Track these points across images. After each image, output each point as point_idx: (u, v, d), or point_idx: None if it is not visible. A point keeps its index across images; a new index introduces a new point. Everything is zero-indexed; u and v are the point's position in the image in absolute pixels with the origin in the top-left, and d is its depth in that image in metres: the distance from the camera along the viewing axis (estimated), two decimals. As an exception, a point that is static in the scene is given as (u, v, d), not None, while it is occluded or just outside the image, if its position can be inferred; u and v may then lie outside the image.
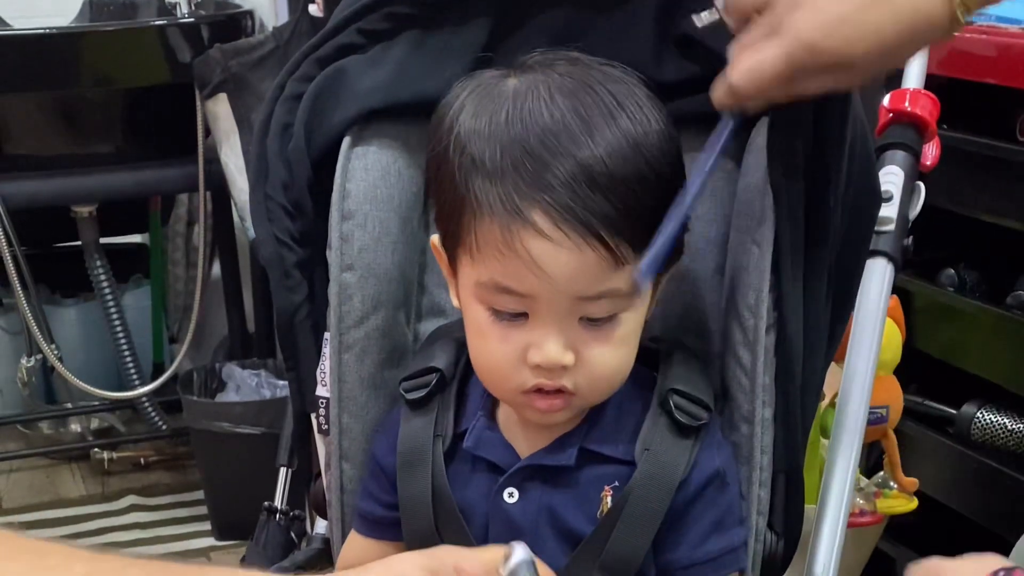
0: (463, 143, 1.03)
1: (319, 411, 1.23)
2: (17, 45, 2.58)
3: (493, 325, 1.03)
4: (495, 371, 1.05)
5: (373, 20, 1.20)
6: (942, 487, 1.98)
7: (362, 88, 1.20)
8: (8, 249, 2.59)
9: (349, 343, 1.20)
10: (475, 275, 1.03)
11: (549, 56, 1.07)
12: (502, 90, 1.04)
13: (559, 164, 0.99)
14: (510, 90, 1.04)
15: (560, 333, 1.01)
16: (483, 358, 1.06)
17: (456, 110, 1.05)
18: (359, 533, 1.17)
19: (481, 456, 1.10)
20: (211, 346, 3.04)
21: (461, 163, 1.02)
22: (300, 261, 1.22)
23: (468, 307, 1.06)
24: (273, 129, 1.21)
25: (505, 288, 1.01)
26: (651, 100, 1.06)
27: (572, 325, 1.02)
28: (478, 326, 1.04)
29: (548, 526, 1.07)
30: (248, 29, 2.71)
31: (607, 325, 1.03)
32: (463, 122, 1.03)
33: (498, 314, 1.03)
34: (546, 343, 1.01)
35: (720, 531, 1.07)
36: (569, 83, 1.03)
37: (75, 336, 3.01)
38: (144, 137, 2.75)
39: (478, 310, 1.04)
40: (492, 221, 1.00)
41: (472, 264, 1.03)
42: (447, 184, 1.04)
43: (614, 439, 1.08)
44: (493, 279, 1.01)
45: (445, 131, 1.05)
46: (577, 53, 1.08)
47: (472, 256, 1.02)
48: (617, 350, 1.04)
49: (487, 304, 1.03)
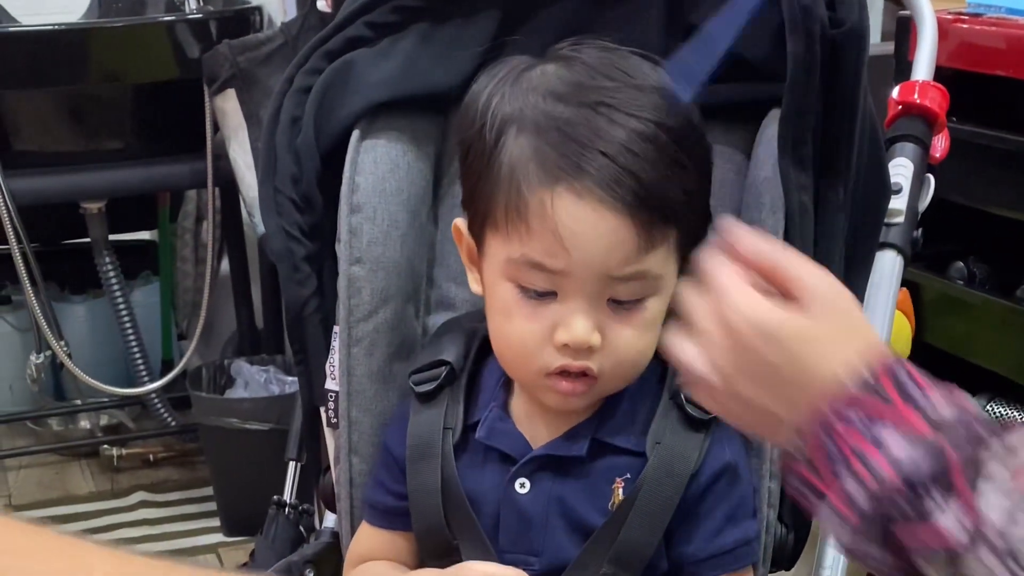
0: (498, 122, 1.03)
1: (328, 404, 1.23)
2: (26, 41, 2.58)
3: (521, 303, 1.03)
4: (520, 351, 1.05)
5: (382, 13, 1.21)
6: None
7: (371, 81, 1.20)
8: (17, 246, 2.59)
9: (358, 336, 1.20)
10: (506, 252, 1.03)
11: (579, 45, 1.07)
12: (537, 73, 1.04)
13: (597, 142, 0.99)
14: (547, 72, 1.04)
15: (588, 313, 1.01)
16: (508, 338, 1.06)
17: (490, 93, 1.05)
18: (369, 524, 1.18)
19: (493, 446, 1.10)
20: (220, 342, 3.04)
21: (497, 141, 1.03)
22: (309, 254, 1.22)
23: (495, 287, 1.05)
24: (282, 122, 1.21)
25: (537, 264, 1.01)
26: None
27: (600, 306, 1.02)
28: (504, 305, 1.04)
29: (559, 516, 1.07)
30: (256, 25, 2.71)
31: (634, 309, 1.03)
32: (497, 104, 1.04)
33: (526, 292, 1.03)
34: (574, 322, 1.01)
35: (733, 524, 1.08)
36: (603, 66, 1.04)
37: (84, 333, 3.01)
38: (153, 133, 2.75)
39: (506, 288, 1.04)
40: (529, 195, 1.00)
41: (503, 242, 1.03)
42: (480, 164, 1.04)
43: (626, 431, 1.08)
44: (525, 254, 1.01)
45: (479, 113, 1.05)
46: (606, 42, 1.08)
47: (504, 233, 1.02)
48: (642, 335, 1.04)
49: (516, 282, 1.03)
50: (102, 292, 2.90)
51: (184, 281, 3.15)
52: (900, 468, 0.74)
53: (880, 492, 0.74)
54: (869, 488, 0.75)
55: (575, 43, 1.07)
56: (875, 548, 0.75)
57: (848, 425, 0.76)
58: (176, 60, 2.61)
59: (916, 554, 0.74)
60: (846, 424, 0.76)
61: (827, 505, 0.77)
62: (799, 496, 0.79)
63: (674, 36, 1.16)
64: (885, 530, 0.74)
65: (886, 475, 0.74)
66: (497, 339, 1.08)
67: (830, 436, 0.77)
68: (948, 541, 0.72)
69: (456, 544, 1.10)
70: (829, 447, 0.77)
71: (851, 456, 0.76)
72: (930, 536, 0.73)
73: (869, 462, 0.75)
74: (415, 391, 1.14)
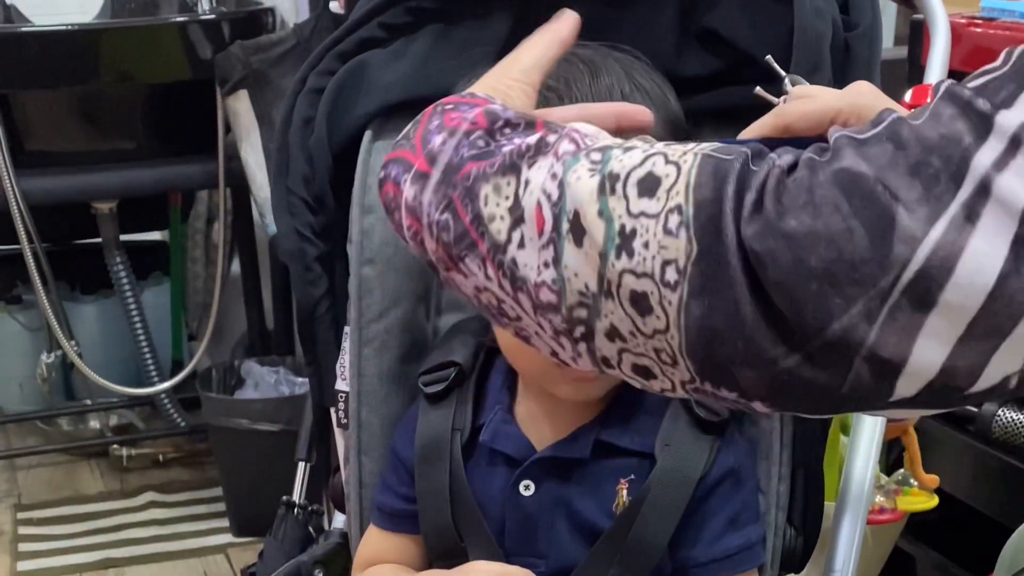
0: None
1: (338, 405, 1.23)
2: (40, 41, 2.59)
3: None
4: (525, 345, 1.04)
5: (395, 14, 1.21)
6: (962, 485, 1.97)
7: (383, 82, 1.20)
8: (28, 245, 2.59)
9: (369, 337, 1.20)
10: None
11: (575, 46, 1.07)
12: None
13: None
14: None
15: None
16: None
17: None
18: (377, 527, 1.17)
19: (498, 449, 1.10)
20: (230, 343, 3.05)
21: None
22: (321, 255, 1.22)
23: None
24: (295, 123, 1.21)
25: None
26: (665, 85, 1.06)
27: None
28: None
29: (563, 518, 1.08)
30: (269, 26, 2.71)
31: None
32: None
33: None
34: None
35: (736, 528, 1.07)
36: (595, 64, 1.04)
37: (95, 333, 3.01)
38: (164, 134, 2.76)
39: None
40: None
41: None
42: None
43: (631, 431, 1.08)
44: None
45: None
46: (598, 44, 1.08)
47: None
48: None
49: None
50: (113, 292, 2.91)
51: (195, 281, 3.15)
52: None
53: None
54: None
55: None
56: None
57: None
58: (188, 61, 2.62)
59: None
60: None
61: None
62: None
63: (687, 40, 1.16)
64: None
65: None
66: (504, 338, 1.08)
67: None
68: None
69: (463, 546, 1.10)
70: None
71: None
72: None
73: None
74: (424, 392, 1.14)
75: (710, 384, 0.71)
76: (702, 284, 0.68)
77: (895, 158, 0.65)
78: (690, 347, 0.69)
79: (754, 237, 0.66)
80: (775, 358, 0.67)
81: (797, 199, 0.66)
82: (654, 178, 0.70)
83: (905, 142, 0.65)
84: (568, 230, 0.72)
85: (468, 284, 0.79)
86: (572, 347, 0.75)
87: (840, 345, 0.65)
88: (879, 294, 0.64)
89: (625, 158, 0.72)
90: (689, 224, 0.68)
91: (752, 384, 0.69)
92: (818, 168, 0.66)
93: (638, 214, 0.70)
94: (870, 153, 0.66)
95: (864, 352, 0.65)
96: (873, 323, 0.64)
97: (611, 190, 0.71)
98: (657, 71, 1.10)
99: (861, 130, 0.68)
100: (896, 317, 0.64)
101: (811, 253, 0.64)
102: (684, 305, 0.68)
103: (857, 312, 0.64)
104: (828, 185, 0.65)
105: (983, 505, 1.95)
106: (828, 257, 0.64)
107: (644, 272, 0.69)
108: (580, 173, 0.73)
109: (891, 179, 0.64)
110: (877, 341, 0.65)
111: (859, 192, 0.64)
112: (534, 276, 0.74)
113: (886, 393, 0.67)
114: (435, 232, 0.79)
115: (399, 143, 0.84)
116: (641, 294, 0.70)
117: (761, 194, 0.67)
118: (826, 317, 0.65)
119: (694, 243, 0.68)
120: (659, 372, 0.73)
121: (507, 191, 0.76)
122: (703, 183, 0.69)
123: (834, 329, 0.65)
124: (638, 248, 0.70)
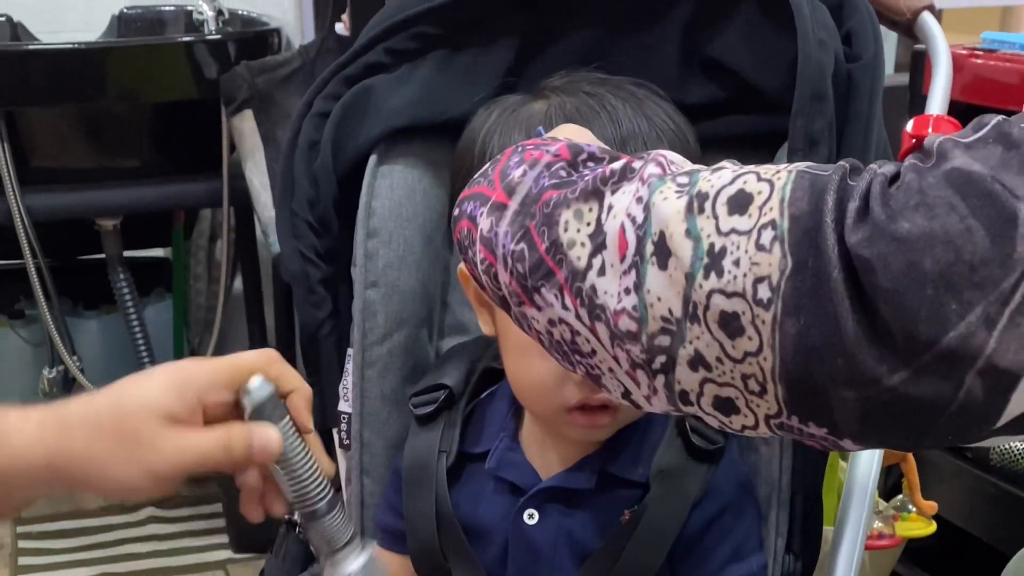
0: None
1: (341, 426, 1.24)
2: (46, 59, 2.60)
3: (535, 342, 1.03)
4: (539, 389, 1.04)
5: (401, 40, 1.21)
6: (960, 511, 1.97)
7: (389, 107, 1.21)
8: (32, 261, 2.60)
9: (372, 359, 1.21)
10: None
11: (575, 77, 1.08)
12: (528, 111, 1.05)
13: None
14: (537, 111, 1.05)
15: None
16: (526, 377, 1.05)
17: (485, 133, 1.06)
18: (379, 547, 1.18)
19: (503, 477, 1.10)
20: (231, 360, 3.05)
21: None
22: (325, 277, 1.23)
23: (508, 327, 1.05)
24: (300, 146, 1.22)
25: None
26: (677, 114, 1.07)
27: None
28: (519, 345, 1.04)
29: (567, 547, 1.08)
30: (275, 47, 2.72)
31: None
32: (492, 143, 1.04)
33: None
34: None
35: (739, 558, 1.07)
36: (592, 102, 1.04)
37: (97, 348, 3.01)
38: (169, 152, 2.76)
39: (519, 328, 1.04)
40: None
41: None
42: None
43: (635, 462, 1.08)
44: None
45: (476, 154, 1.06)
46: (602, 74, 1.09)
47: None
48: None
49: None
50: (115, 308, 2.91)
51: (197, 299, 3.15)
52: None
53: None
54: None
55: (567, 75, 1.08)
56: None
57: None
58: (194, 80, 2.62)
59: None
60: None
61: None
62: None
63: (691, 69, 1.17)
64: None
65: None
66: (515, 378, 1.07)
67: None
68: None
69: (449, 567, 1.11)
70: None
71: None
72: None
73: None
74: (414, 413, 1.15)
75: (797, 418, 0.67)
76: (797, 301, 0.64)
77: (1006, 158, 0.62)
78: (784, 369, 0.65)
79: (860, 244, 0.62)
80: (878, 376, 0.63)
81: (908, 201, 0.62)
82: (746, 195, 0.67)
83: (1017, 142, 0.62)
84: (652, 253, 0.69)
85: (542, 318, 0.76)
86: (649, 381, 0.72)
87: (954, 356, 0.61)
88: (1000, 297, 0.60)
89: (714, 178, 0.69)
90: (784, 238, 0.65)
91: (848, 410, 0.65)
92: (926, 172, 0.63)
93: (728, 231, 0.66)
94: (979, 155, 0.62)
95: (980, 363, 0.61)
96: (992, 330, 0.61)
97: (699, 209, 0.68)
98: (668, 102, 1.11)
99: (963, 134, 0.65)
100: (1018, 322, 0.60)
101: (926, 256, 0.61)
102: (778, 324, 0.65)
103: (975, 318, 0.60)
104: (941, 186, 0.62)
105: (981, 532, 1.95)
106: (945, 260, 0.60)
107: (735, 291, 0.66)
108: (667, 194, 0.70)
109: (1006, 178, 0.61)
110: (996, 350, 0.61)
111: (975, 191, 0.61)
112: (613, 304, 0.70)
113: (997, 411, 0.63)
114: (510, 264, 0.76)
115: (475, 180, 0.81)
116: (731, 315, 0.66)
117: (866, 201, 0.64)
118: (941, 325, 0.61)
119: (788, 257, 0.64)
120: (743, 404, 0.69)
121: (589, 217, 0.72)
122: (799, 197, 0.65)
123: (949, 338, 0.61)
124: (728, 266, 0.66)
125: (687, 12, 1.17)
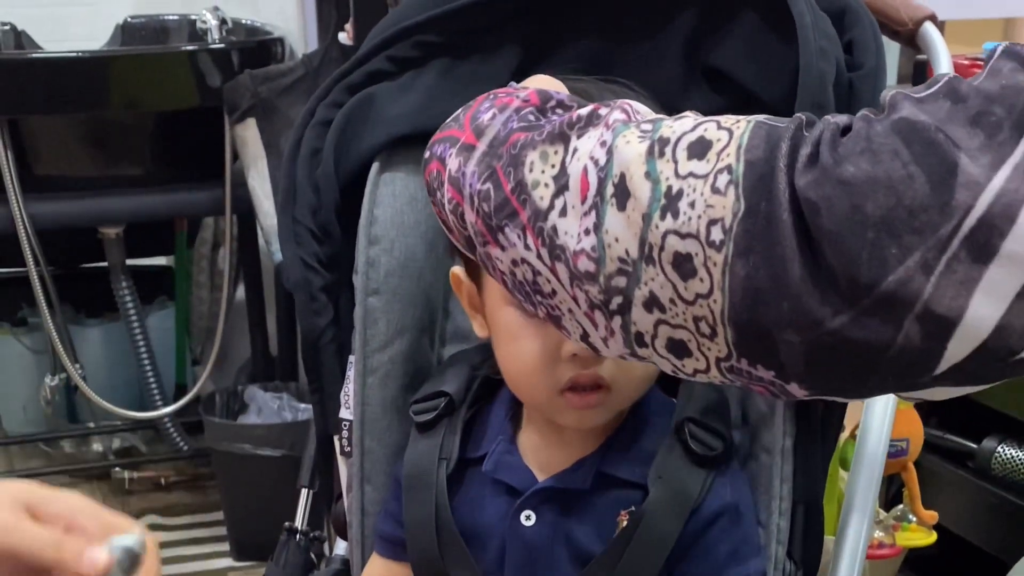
0: None
1: (342, 433, 1.24)
2: (50, 68, 2.61)
3: (524, 325, 1.04)
4: (530, 372, 1.05)
5: (403, 48, 1.22)
6: (961, 521, 1.98)
7: (391, 115, 1.21)
8: (35, 268, 2.61)
9: (373, 367, 1.21)
10: None
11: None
12: None
13: None
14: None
15: None
16: (517, 361, 1.06)
17: None
18: (380, 555, 1.18)
19: (499, 479, 1.11)
20: (234, 368, 3.06)
21: None
22: (326, 285, 1.23)
23: (498, 314, 1.06)
24: (302, 154, 1.22)
25: None
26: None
27: None
28: (509, 330, 1.05)
29: (564, 548, 1.08)
30: (278, 55, 2.73)
31: None
32: None
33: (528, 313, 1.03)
34: None
35: (737, 561, 1.07)
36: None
37: (99, 356, 3.02)
38: (172, 160, 2.77)
39: (509, 313, 1.05)
40: None
41: None
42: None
43: (631, 463, 1.08)
44: None
45: None
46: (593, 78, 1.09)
47: None
48: None
49: (518, 305, 1.04)
50: (118, 316, 2.92)
51: (199, 307, 3.16)
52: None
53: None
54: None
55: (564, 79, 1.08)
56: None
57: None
58: (197, 88, 2.63)
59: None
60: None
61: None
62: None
63: (693, 77, 1.17)
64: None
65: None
66: (507, 365, 1.08)
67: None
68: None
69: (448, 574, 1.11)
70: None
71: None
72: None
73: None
74: (414, 420, 1.15)
75: (747, 361, 0.69)
76: (748, 243, 0.66)
77: (953, 111, 0.63)
78: (733, 311, 0.67)
79: (808, 186, 0.64)
80: (821, 319, 0.64)
81: (855, 147, 0.64)
82: (705, 142, 0.69)
83: (964, 96, 0.64)
84: (612, 194, 0.70)
85: (505, 258, 0.77)
86: (606, 322, 0.73)
87: (893, 300, 0.63)
88: (938, 243, 0.62)
89: (676, 125, 0.71)
90: (738, 182, 0.66)
91: (793, 353, 0.66)
92: (875, 121, 0.65)
93: (686, 175, 0.68)
94: (928, 108, 0.64)
95: (918, 308, 0.63)
96: (930, 275, 0.62)
97: (660, 153, 0.70)
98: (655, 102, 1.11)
99: (917, 89, 0.66)
100: (954, 268, 0.62)
101: (868, 200, 0.62)
102: (728, 265, 0.66)
103: (914, 263, 0.62)
104: (887, 134, 0.64)
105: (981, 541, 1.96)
106: (887, 204, 0.62)
107: (689, 232, 0.67)
108: (630, 138, 0.71)
109: (951, 129, 0.62)
110: (933, 295, 0.62)
111: (919, 139, 0.63)
112: (573, 244, 0.72)
113: (935, 357, 0.64)
114: (476, 203, 0.77)
115: (447, 124, 0.83)
116: (684, 255, 0.68)
117: (817, 147, 0.65)
118: (881, 269, 0.62)
119: (742, 201, 0.66)
120: (695, 347, 0.70)
121: (554, 159, 0.74)
122: (756, 144, 0.67)
123: (889, 282, 0.62)
124: (684, 208, 0.68)
125: (689, 21, 1.17)
